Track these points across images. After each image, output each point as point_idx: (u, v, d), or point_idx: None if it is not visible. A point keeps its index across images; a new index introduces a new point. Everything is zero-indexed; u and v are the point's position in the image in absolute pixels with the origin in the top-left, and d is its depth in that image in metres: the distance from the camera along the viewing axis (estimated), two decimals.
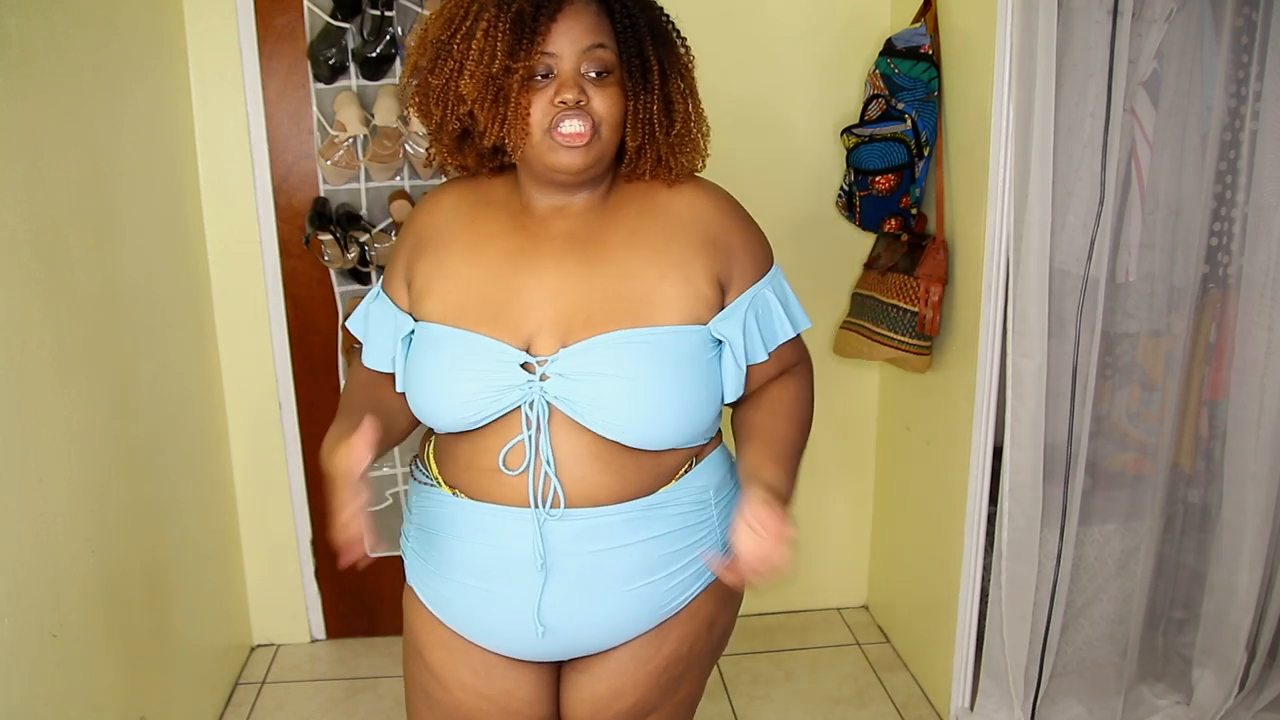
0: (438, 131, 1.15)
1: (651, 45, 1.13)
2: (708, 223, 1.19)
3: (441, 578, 1.21)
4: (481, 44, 1.05)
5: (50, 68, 1.60)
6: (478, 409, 1.11)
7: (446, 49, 1.09)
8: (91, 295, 1.72)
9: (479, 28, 1.06)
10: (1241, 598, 2.06)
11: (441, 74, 1.09)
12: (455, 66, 1.08)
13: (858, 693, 2.38)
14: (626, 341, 1.10)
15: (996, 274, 1.94)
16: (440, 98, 1.11)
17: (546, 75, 1.07)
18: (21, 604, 1.43)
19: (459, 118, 1.11)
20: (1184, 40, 1.90)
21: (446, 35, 1.08)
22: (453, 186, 1.23)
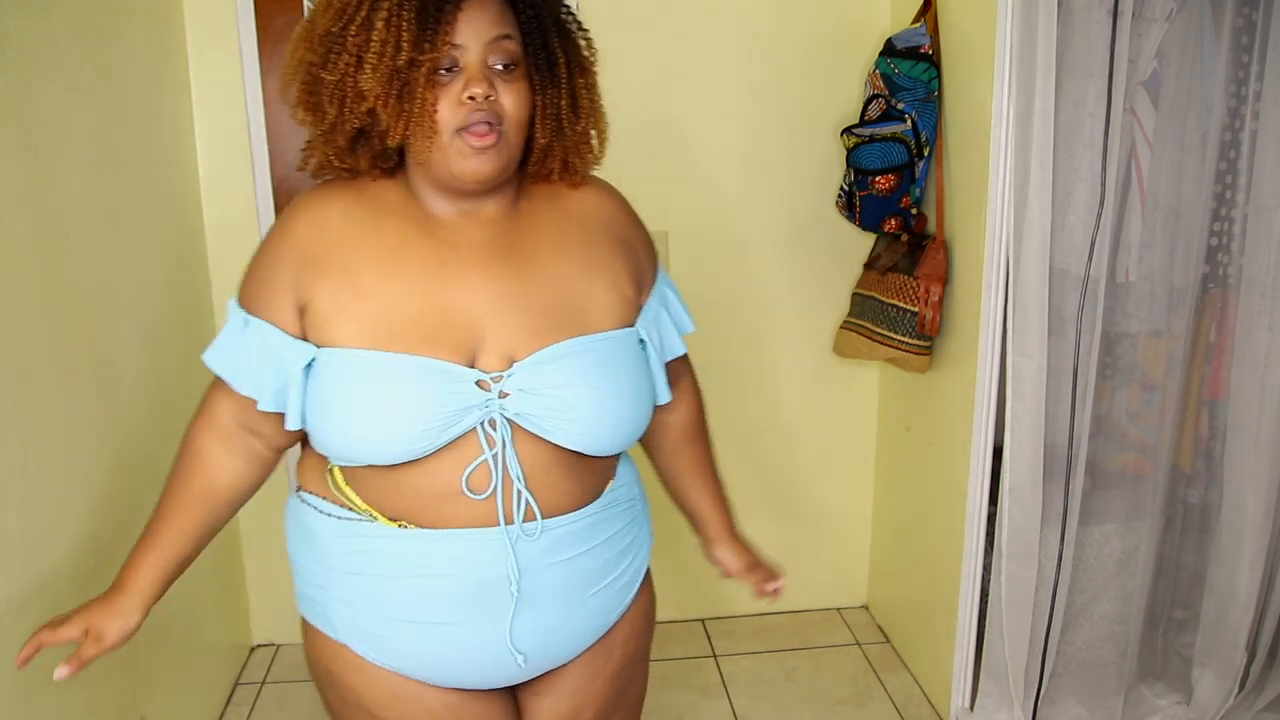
0: (330, 132, 1.04)
1: (557, 38, 1.08)
2: (618, 222, 1.21)
3: (387, 621, 1.10)
4: (384, 35, 0.97)
5: (50, 68, 1.60)
6: (434, 436, 1.02)
7: (340, 41, 0.99)
8: (92, 295, 1.72)
9: (378, 17, 0.97)
10: (1241, 598, 2.06)
11: (336, 69, 0.99)
12: (352, 60, 0.98)
13: (858, 693, 2.38)
14: (581, 351, 1.08)
15: (996, 274, 1.94)
16: (335, 95, 1.00)
17: (451, 69, 1.00)
18: (21, 604, 1.43)
19: (358, 116, 1.01)
20: (1184, 40, 1.90)
21: (339, 27, 0.99)
22: (334, 193, 1.08)
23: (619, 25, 2.33)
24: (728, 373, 2.57)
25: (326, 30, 1.00)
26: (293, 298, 1.05)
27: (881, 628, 2.67)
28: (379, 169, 1.09)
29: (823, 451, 2.66)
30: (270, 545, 2.52)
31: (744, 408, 2.59)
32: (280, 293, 1.06)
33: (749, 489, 2.65)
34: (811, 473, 2.68)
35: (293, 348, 1.05)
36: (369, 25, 0.97)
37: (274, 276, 1.06)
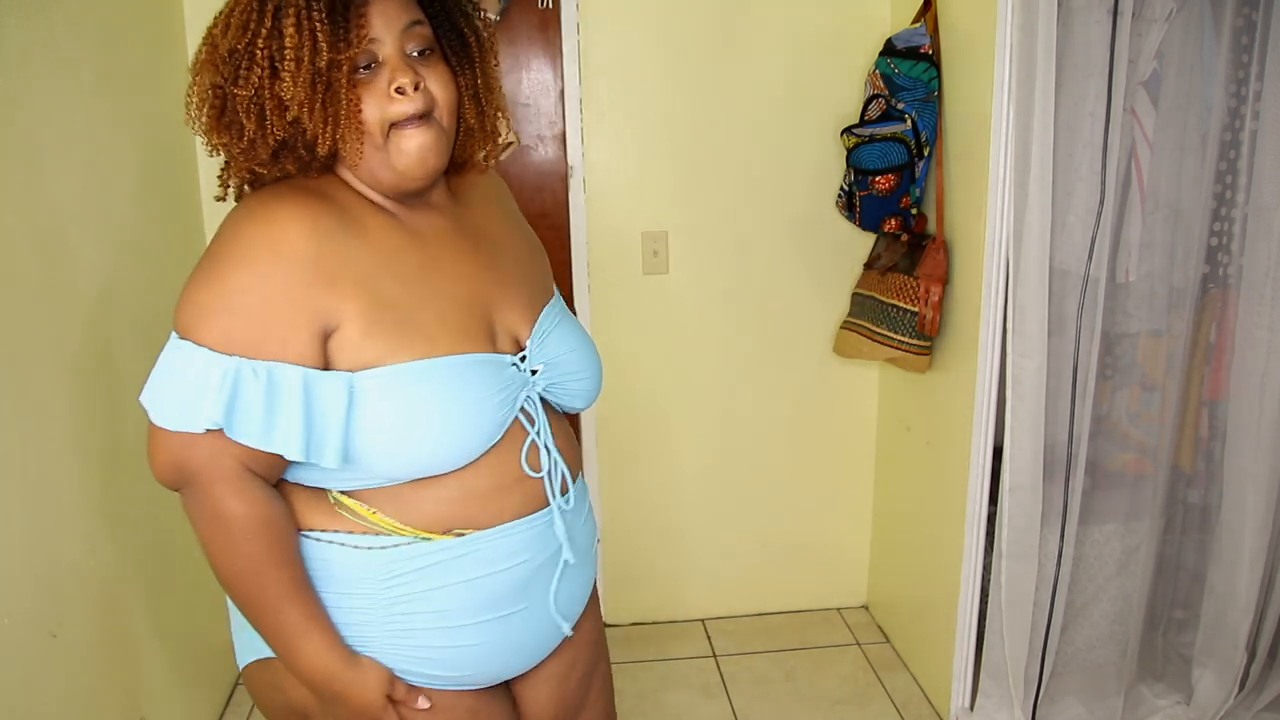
0: (250, 148, 0.99)
1: (461, 19, 1.06)
2: (509, 197, 1.26)
3: (442, 632, 1.05)
4: (296, 39, 0.93)
5: (50, 68, 1.60)
6: (499, 427, 1.03)
7: (249, 55, 0.94)
8: (92, 295, 1.72)
9: (287, 24, 0.93)
10: (1241, 598, 2.06)
11: (249, 83, 0.94)
12: (265, 71, 0.94)
13: (858, 693, 2.38)
14: (558, 316, 1.14)
15: (996, 274, 1.94)
16: (251, 109, 0.96)
17: (369, 66, 0.97)
18: (21, 604, 1.43)
19: (281, 127, 0.96)
20: (1184, 40, 1.90)
21: (245, 42, 0.94)
22: (296, 197, 0.99)
23: (620, 26, 2.34)
24: (728, 372, 2.57)
25: (232, 48, 0.95)
26: (317, 327, 0.96)
27: (881, 628, 2.67)
28: (312, 170, 1.04)
29: (823, 451, 2.66)
30: None
31: (744, 408, 2.59)
32: (298, 325, 0.95)
33: (749, 489, 2.66)
34: (811, 472, 2.68)
35: (332, 384, 0.95)
36: (277, 33, 0.93)
37: (285, 308, 0.94)
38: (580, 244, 2.42)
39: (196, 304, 0.96)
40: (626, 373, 2.46)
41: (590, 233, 2.42)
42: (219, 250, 0.97)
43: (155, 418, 0.96)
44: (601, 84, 2.35)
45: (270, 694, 1.14)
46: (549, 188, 2.40)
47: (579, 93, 2.34)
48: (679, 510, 2.57)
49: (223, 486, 0.96)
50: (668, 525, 2.65)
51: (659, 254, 2.45)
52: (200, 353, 0.94)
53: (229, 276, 0.95)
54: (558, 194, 2.40)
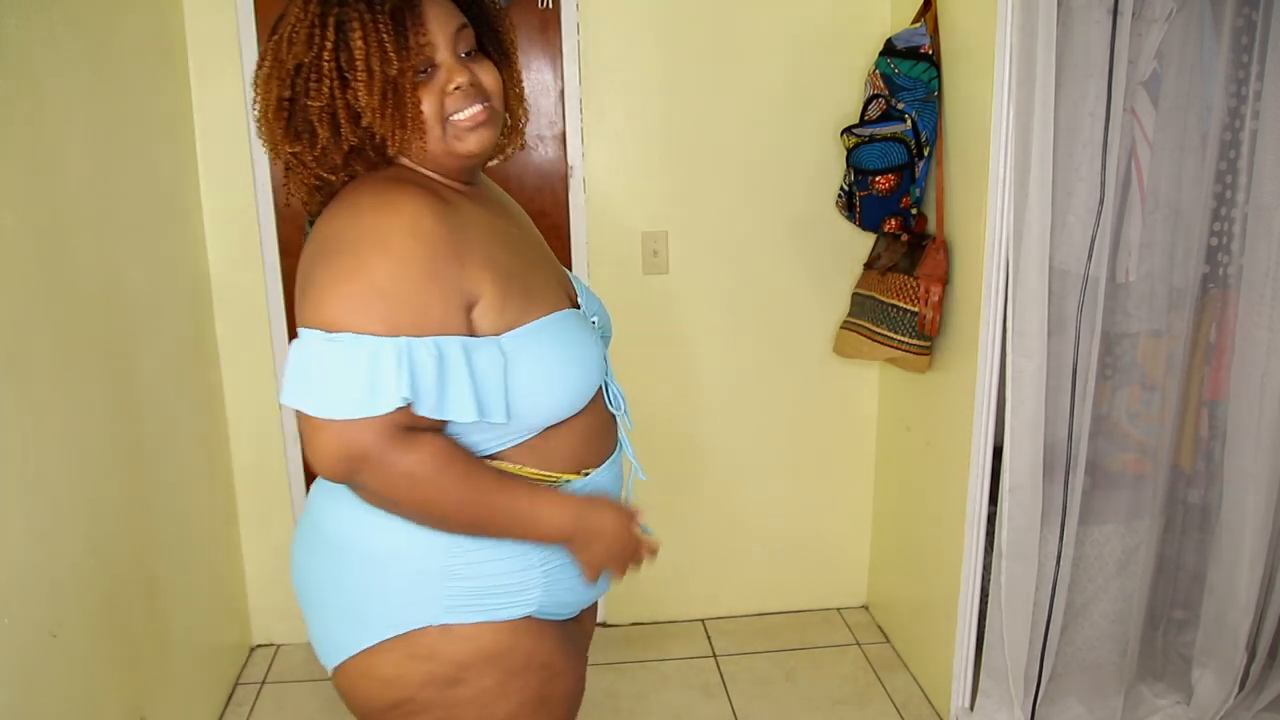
0: (322, 155, 1.05)
1: (494, 19, 1.16)
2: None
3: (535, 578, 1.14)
4: (365, 50, 1.00)
5: (50, 68, 1.60)
6: (603, 370, 1.20)
7: (317, 68, 1.01)
8: (91, 295, 1.72)
9: (353, 36, 1.00)
10: (1241, 598, 2.06)
11: (320, 94, 1.01)
12: (334, 82, 1.01)
13: (858, 693, 2.38)
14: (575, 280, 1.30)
15: (996, 274, 1.94)
16: (325, 118, 1.03)
17: (426, 70, 1.05)
18: (21, 604, 1.43)
19: (354, 134, 1.03)
20: (1184, 40, 1.90)
21: (312, 55, 1.01)
22: (407, 192, 1.05)
23: (620, 26, 2.34)
24: (728, 372, 2.57)
25: (299, 62, 1.02)
26: (462, 301, 1.03)
27: (881, 628, 2.67)
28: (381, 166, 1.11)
29: (823, 451, 2.66)
30: (270, 545, 2.52)
31: (744, 408, 2.59)
32: (449, 301, 1.01)
33: (749, 489, 2.66)
34: (811, 473, 2.68)
35: (487, 349, 1.04)
36: (345, 45, 1.00)
37: (435, 287, 1.00)
38: (580, 244, 2.42)
39: (347, 296, 0.98)
40: (626, 373, 2.45)
41: (590, 233, 2.42)
42: (353, 245, 1.00)
43: (324, 412, 0.98)
44: (601, 84, 2.35)
45: (370, 687, 1.15)
46: (549, 188, 2.40)
47: (579, 93, 2.34)
48: (679, 510, 2.57)
49: (395, 451, 1.00)
50: (668, 525, 2.64)
51: (659, 254, 2.45)
52: (367, 340, 0.97)
53: (375, 266, 0.99)
54: (558, 194, 2.40)
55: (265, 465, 2.46)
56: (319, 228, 1.06)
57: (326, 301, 0.99)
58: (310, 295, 1.01)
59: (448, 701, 1.14)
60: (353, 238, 1.01)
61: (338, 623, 1.15)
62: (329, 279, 1.00)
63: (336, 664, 1.17)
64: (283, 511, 2.50)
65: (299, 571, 1.21)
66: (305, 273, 1.04)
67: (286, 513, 2.50)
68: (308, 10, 1.02)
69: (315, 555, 1.18)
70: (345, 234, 1.02)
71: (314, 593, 1.18)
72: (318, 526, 1.17)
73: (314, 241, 1.05)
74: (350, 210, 1.04)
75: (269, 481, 2.48)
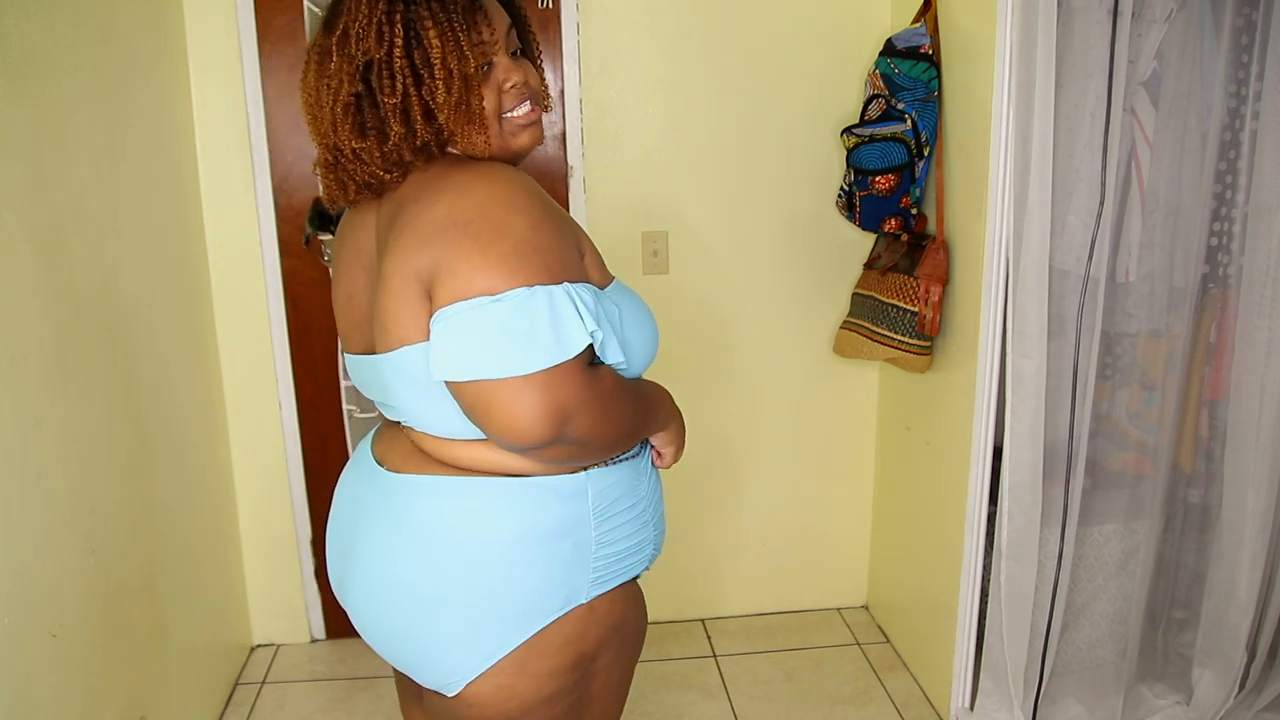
0: (394, 150, 1.04)
1: (527, 20, 1.17)
2: None
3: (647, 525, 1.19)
4: (442, 48, 1.00)
5: (50, 68, 1.60)
6: None
7: (389, 65, 1.01)
8: (91, 295, 1.72)
9: (429, 34, 1.00)
10: (1241, 598, 2.06)
11: (395, 92, 1.01)
12: (408, 80, 1.01)
13: (858, 693, 2.38)
14: None
15: (996, 274, 1.94)
16: (398, 114, 1.02)
17: (485, 67, 1.07)
18: (21, 604, 1.43)
19: (426, 130, 1.03)
20: (1184, 40, 1.90)
21: (384, 52, 1.01)
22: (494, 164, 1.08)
23: (621, 26, 2.34)
24: (728, 372, 2.57)
25: (370, 59, 1.01)
26: (578, 252, 1.07)
27: (881, 628, 2.67)
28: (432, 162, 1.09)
29: (823, 451, 2.66)
30: (270, 545, 2.52)
31: (744, 408, 2.59)
32: (574, 251, 1.06)
33: (749, 489, 2.66)
34: (811, 473, 2.68)
35: (605, 297, 1.08)
36: (418, 42, 1.00)
37: (562, 240, 1.03)
38: None
39: (501, 256, 0.97)
40: None
41: (590, 233, 2.41)
42: (481, 213, 0.98)
43: (524, 368, 0.95)
44: (601, 84, 2.35)
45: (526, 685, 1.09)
46: (549, 188, 2.40)
47: (579, 93, 2.34)
48: (679, 510, 2.57)
49: (594, 388, 1.01)
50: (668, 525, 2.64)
51: (659, 254, 2.45)
52: (539, 290, 0.97)
53: (516, 223, 0.99)
54: (558, 194, 2.40)
55: (265, 465, 2.46)
56: (411, 220, 1.01)
57: (480, 268, 0.96)
58: (457, 271, 0.96)
59: (584, 680, 1.13)
60: (475, 208, 0.99)
61: (475, 632, 1.07)
62: (474, 248, 0.96)
63: (476, 675, 1.07)
64: (283, 511, 2.50)
65: (411, 592, 1.08)
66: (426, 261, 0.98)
67: (286, 512, 2.50)
68: (375, 7, 1.01)
69: (440, 566, 1.07)
70: (463, 209, 0.99)
71: (438, 610, 1.07)
72: (439, 533, 1.07)
73: (418, 230, 1.00)
74: (453, 191, 1.01)
75: (269, 481, 2.48)
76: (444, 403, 1.04)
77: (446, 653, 1.08)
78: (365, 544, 1.12)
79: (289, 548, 2.53)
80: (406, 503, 1.09)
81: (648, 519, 1.19)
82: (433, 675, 1.10)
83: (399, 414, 1.13)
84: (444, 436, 1.09)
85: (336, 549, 1.20)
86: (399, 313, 1.02)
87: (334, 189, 1.12)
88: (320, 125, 1.07)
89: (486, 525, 1.06)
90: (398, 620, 1.10)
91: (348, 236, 1.17)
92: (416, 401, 1.08)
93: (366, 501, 1.15)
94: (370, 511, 1.13)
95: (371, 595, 1.11)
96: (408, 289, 1.00)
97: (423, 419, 1.09)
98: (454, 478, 1.08)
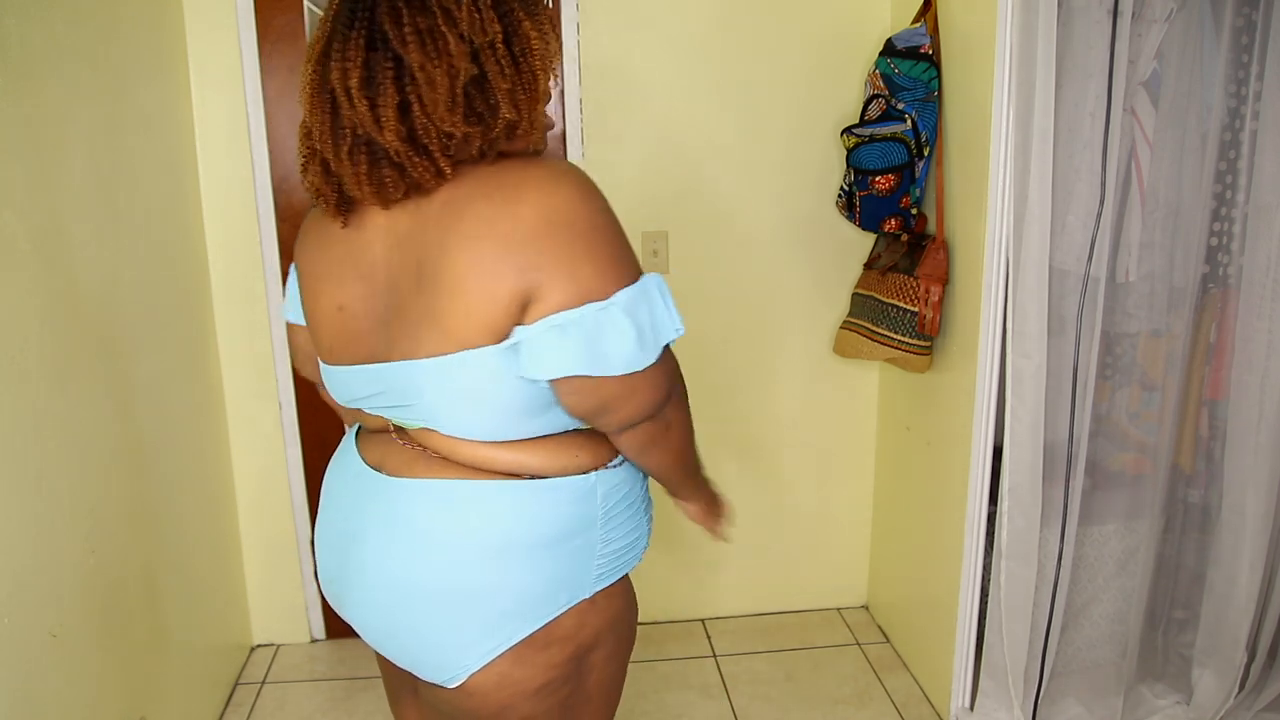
0: (496, 137, 1.03)
1: None
2: None
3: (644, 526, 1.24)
4: (541, 37, 1.02)
5: (50, 68, 1.60)
6: None
7: (492, 50, 0.99)
8: (91, 295, 1.72)
9: (523, 23, 1.01)
10: (1241, 598, 2.06)
11: (507, 77, 1.00)
12: (511, 66, 1.01)
13: (858, 693, 2.38)
14: None
15: (996, 274, 1.94)
16: (508, 99, 1.01)
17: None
18: (21, 604, 1.43)
19: (532, 116, 1.05)
20: (1184, 40, 1.90)
21: (487, 39, 0.98)
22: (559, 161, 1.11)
23: (620, 26, 2.34)
24: (727, 372, 2.57)
25: (489, 41, 0.99)
26: None
27: (881, 628, 2.67)
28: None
29: (823, 451, 2.66)
30: (270, 545, 2.52)
31: (744, 408, 2.59)
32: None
33: (749, 488, 2.66)
34: (811, 473, 2.68)
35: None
36: (515, 31, 1.01)
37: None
38: None
39: (611, 256, 1.02)
40: None
41: None
42: (583, 214, 1.01)
43: (656, 354, 1.04)
44: (601, 84, 2.35)
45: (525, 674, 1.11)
46: None
47: (579, 93, 2.34)
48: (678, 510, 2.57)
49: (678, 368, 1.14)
50: (667, 525, 2.65)
51: (659, 254, 2.45)
52: (644, 282, 1.04)
53: (608, 222, 1.03)
54: None
55: (265, 465, 2.46)
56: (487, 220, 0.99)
57: (599, 270, 1.00)
58: (577, 275, 0.99)
59: (581, 672, 1.16)
60: (570, 208, 1.00)
61: (485, 626, 1.09)
62: (585, 251, 0.99)
63: (481, 666, 1.10)
64: (283, 511, 2.50)
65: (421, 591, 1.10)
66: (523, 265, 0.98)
67: (286, 512, 2.50)
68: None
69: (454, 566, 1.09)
70: (556, 209, 1.00)
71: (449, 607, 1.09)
72: (456, 534, 1.09)
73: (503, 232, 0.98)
74: (534, 190, 1.01)
75: (269, 481, 2.48)
76: (482, 405, 1.05)
77: (454, 647, 1.10)
78: (366, 547, 1.12)
79: (289, 548, 2.52)
80: (419, 506, 1.10)
81: (642, 516, 1.21)
82: (437, 669, 1.12)
83: (421, 418, 1.09)
84: (475, 439, 1.08)
85: (331, 556, 1.20)
86: (470, 316, 0.99)
87: (369, 189, 1.02)
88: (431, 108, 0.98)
89: (507, 525, 1.08)
90: (403, 619, 1.12)
91: (331, 244, 1.10)
92: (454, 404, 1.05)
93: (367, 507, 1.14)
94: (372, 516, 1.13)
95: (374, 596, 1.13)
96: (488, 292, 0.98)
97: (453, 422, 1.07)
98: (476, 481, 1.08)
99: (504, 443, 1.08)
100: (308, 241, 1.16)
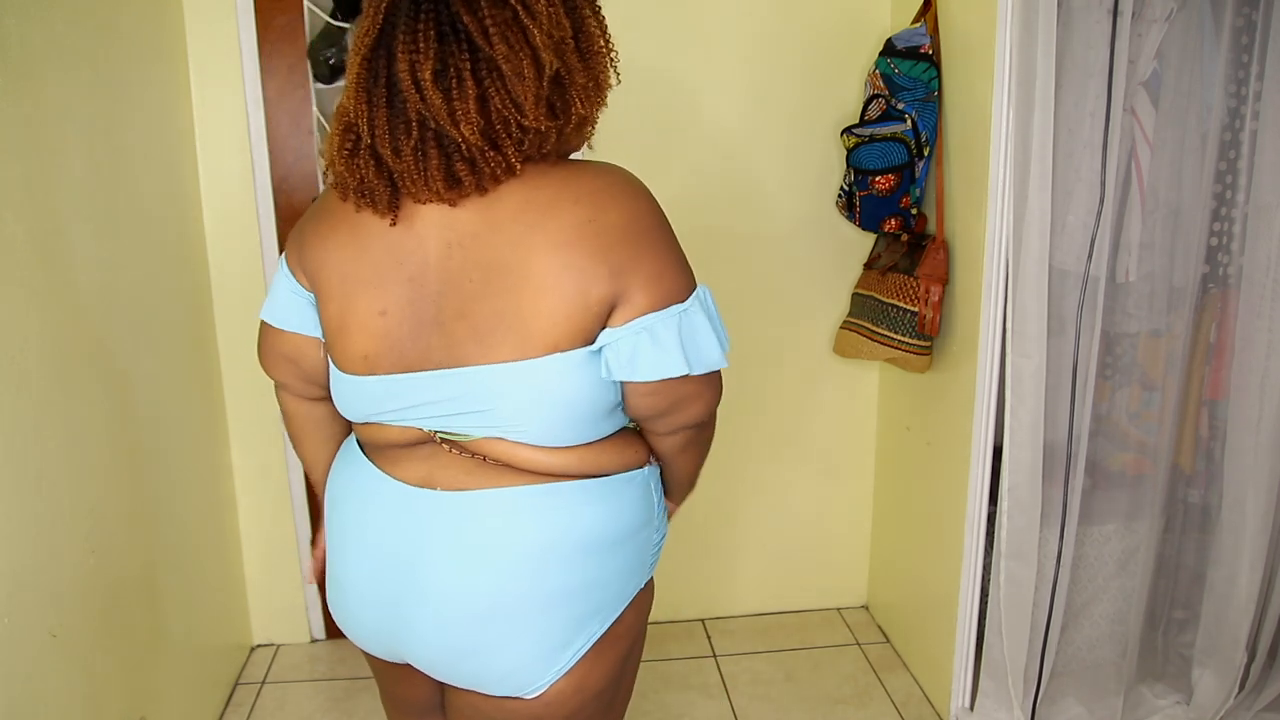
0: (571, 133, 1.05)
1: None
2: None
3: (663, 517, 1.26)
4: (602, 35, 1.04)
5: (50, 68, 1.60)
6: None
7: (564, 45, 0.99)
8: (91, 295, 1.72)
9: (588, 20, 1.02)
10: (1241, 598, 2.06)
11: (580, 73, 1.01)
12: (597, 62, 1.04)
13: (858, 693, 2.38)
14: None
15: (996, 274, 1.94)
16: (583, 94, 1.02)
17: None
18: (21, 604, 1.43)
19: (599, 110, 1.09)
20: (1184, 40, 1.90)
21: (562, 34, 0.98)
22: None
23: (619, 26, 2.33)
24: (727, 373, 2.56)
25: (569, 35, 0.99)
26: None
27: (881, 628, 2.67)
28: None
29: (823, 451, 2.66)
30: (270, 545, 2.52)
31: (744, 408, 2.59)
32: None
33: (749, 488, 2.66)
34: (811, 472, 2.68)
35: None
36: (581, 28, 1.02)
37: None
38: None
39: (680, 258, 1.09)
40: None
41: None
42: (658, 219, 1.08)
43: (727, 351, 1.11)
44: None
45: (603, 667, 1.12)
46: None
47: None
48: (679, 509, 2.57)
49: None
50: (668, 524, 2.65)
51: None
52: (702, 285, 1.11)
53: (667, 229, 1.09)
54: None
55: (265, 466, 2.46)
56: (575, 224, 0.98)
57: (679, 272, 1.07)
58: (663, 276, 1.04)
59: (624, 670, 1.18)
60: (649, 213, 1.06)
61: (567, 630, 1.08)
62: (667, 253, 1.06)
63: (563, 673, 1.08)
64: (283, 511, 2.50)
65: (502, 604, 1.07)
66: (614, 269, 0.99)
67: (286, 512, 2.50)
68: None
69: (539, 574, 1.06)
70: (640, 213, 1.05)
71: (532, 616, 1.06)
72: (538, 541, 1.06)
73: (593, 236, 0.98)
74: (619, 194, 1.04)
75: (269, 482, 2.48)
76: (564, 409, 1.02)
77: (540, 656, 1.07)
78: (433, 570, 1.06)
79: (289, 548, 2.52)
80: (493, 517, 1.06)
81: (658, 509, 1.23)
82: (519, 683, 1.08)
83: (491, 425, 1.03)
84: (549, 445, 1.05)
85: (380, 586, 1.11)
86: (558, 319, 0.97)
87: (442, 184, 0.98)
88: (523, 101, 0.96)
89: (591, 523, 1.08)
90: (485, 636, 1.07)
91: (369, 245, 1.03)
92: (535, 410, 1.02)
93: (425, 528, 1.07)
94: (434, 537, 1.07)
95: (447, 618, 1.07)
96: (581, 296, 0.98)
97: (533, 428, 1.03)
98: (552, 484, 1.06)
99: (570, 447, 1.06)
100: (332, 243, 1.06)
